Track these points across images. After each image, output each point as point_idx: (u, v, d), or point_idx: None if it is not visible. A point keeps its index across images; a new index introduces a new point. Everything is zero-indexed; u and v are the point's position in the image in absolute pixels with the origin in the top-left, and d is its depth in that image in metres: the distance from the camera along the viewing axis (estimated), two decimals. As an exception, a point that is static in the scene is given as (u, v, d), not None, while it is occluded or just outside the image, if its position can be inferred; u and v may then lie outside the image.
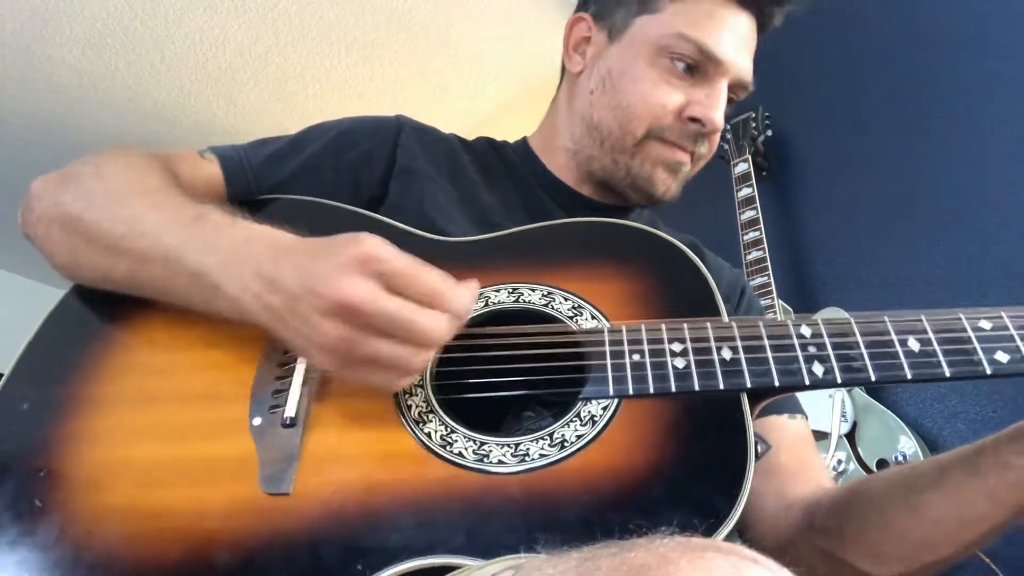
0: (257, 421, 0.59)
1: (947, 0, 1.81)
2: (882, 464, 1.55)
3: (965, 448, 0.61)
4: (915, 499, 0.62)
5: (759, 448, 0.56)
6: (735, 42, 0.82)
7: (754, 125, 2.01)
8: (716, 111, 0.81)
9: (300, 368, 0.61)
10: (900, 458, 1.53)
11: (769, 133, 1.99)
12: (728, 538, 0.50)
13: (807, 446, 0.82)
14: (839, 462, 1.58)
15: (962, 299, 1.61)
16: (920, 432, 1.59)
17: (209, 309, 0.62)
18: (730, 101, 0.86)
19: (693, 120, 0.81)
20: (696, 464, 0.55)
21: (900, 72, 1.86)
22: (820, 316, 0.64)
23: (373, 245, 0.54)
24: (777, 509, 0.75)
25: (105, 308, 0.69)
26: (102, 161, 0.72)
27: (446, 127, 0.97)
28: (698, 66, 0.82)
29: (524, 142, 0.97)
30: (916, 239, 1.72)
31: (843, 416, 1.61)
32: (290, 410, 0.58)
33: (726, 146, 2.04)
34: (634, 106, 0.83)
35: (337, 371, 0.56)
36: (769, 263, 1.76)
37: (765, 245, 1.79)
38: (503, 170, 0.93)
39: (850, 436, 1.61)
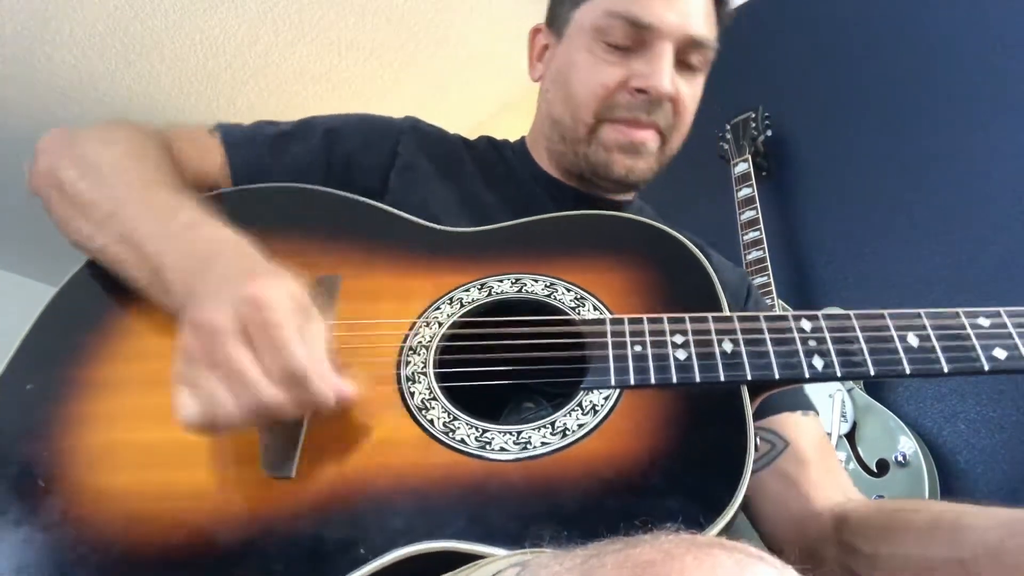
0: None
1: (948, 1, 1.81)
2: (882, 464, 1.55)
3: None
4: (965, 554, 0.58)
5: (776, 446, 0.56)
6: (669, 3, 0.80)
7: (754, 125, 2.01)
8: (659, 77, 0.79)
9: None
10: (900, 458, 1.53)
11: (769, 133, 1.99)
12: (733, 538, 0.50)
13: (827, 450, 0.81)
14: (839, 462, 1.58)
15: (962, 299, 1.60)
16: (920, 432, 1.59)
17: (165, 304, 0.63)
18: (692, 67, 0.84)
19: (640, 91, 0.81)
20: (696, 454, 0.55)
21: (900, 72, 1.86)
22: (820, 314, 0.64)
23: (267, 288, 0.53)
24: (800, 514, 0.74)
25: (110, 291, 0.69)
26: (107, 133, 0.74)
27: (446, 127, 0.98)
28: (635, 39, 0.81)
29: (522, 141, 0.98)
30: (916, 239, 1.73)
31: (843, 416, 1.61)
32: None
33: (726, 146, 2.04)
34: (578, 94, 0.83)
35: (181, 372, 0.54)
36: (769, 263, 1.77)
37: (765, 245, 1.79)
38: (503, 169, 0.93)
39: (850, 436, 1.61)
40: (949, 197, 1.69)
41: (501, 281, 0.69)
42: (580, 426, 0.57)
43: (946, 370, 0.58)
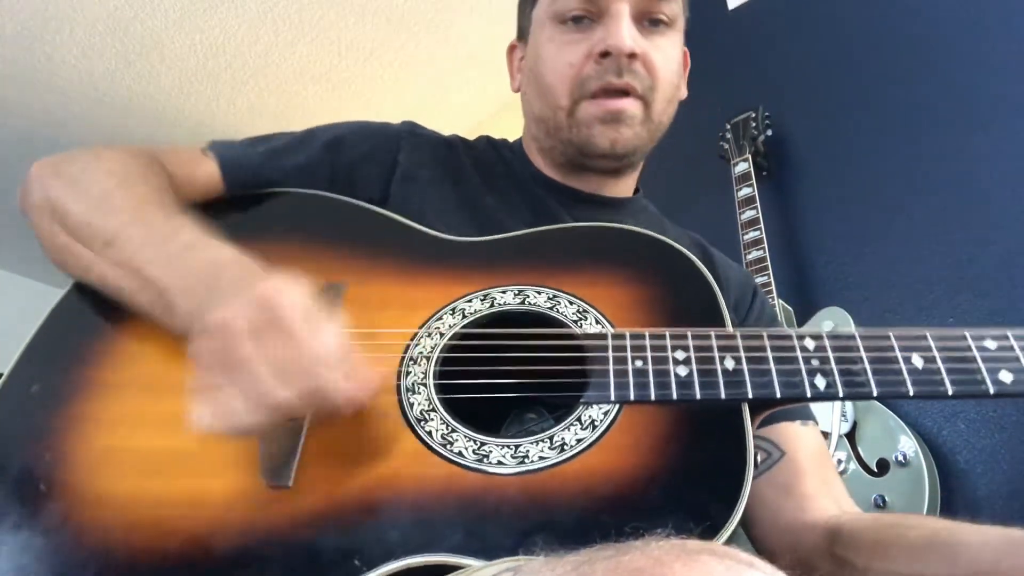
0: None
1: (948, 1, 1.81)
2: (882, 464, 1.55)
3: (1021, 537, 0.57)
4: (959, 572, 0.59)
5: (772, 456, 0.56)
6: None
7: (754, 125, 2.00)
8: (616, 36, 0.80)
9: None
10: (900, 458, 1.53)
11: (769, 133, 1.99)
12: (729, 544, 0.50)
13: (824, 460, 0.81)
14: (839, 462, 1.58)
15: (961, 299, 1.61)
16: (920, 432, 1.59)
17: (169, 326, 0.62)
18: (662, 23, 0.84)
19: (604, 55, 0.81)
20: (695, 472, 0.55)
21: (900, 72, 1.86)
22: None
23: (278, 290, 0.53)
24: (795, 525, 0.74)
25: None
26: (99, 158, 0.73)
27: (446, 127, 0.99)
28: (590, 10, 0.82)
29: (520, 142, 0.98)
30: (916, 239, 1.72)
31: (843, 416, 1.61)
32: None
33: (726, 146, 2.04)
34: (550, 82, 0.84)
35: (198, 384, 0.54)
36: (769, 263, 1.76)
37: (765, 245, 1.79)
38: (503, 169, 0.93)
39: (850, 436, 1.60)
40: (949, 197, 1.69)
41: (504, 292, 0.69)
42: (579, 441, 0.57)
43: (950, 392, 0.57)
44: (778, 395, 0.59)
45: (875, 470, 1.55)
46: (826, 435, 1.59)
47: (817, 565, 0.70)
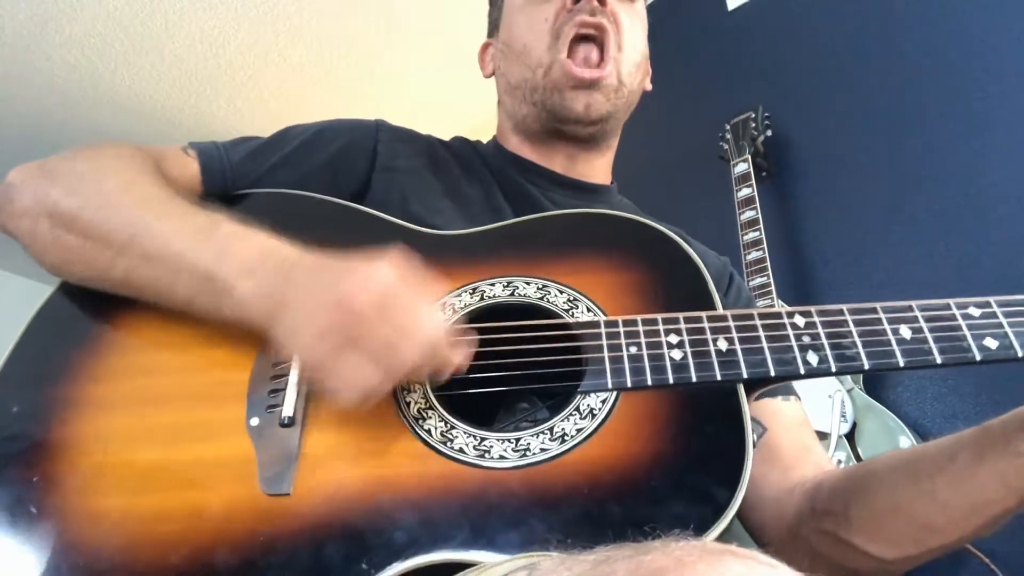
0: (255, 421, 0.58)
1: (948, 1, 1.82)
2: (882, 464, 1.55)
3: (971, 433, 0.61)
4: (924, 484, 0.62)
5: (756, 431, 0.56)
6: None
7: (754, 125, 2.00)
8: None
9: (296, 366, 0.61)
10: (900, 458, 1.53)
11: (769, 133, 1.99)
12: (729, 533, 0.50)
13: (804, 429, 0.82)
14: (839, 462, 1.58)
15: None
16: (920, 432, 1.59)
17: (212, 312, 0.61)
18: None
19: (576, 1, 0.86)
20: (695, 454, 0.56)
21: (900, 72, 1.86)
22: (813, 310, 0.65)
23: (388, 276, 0.56)
24: (779, 494, 0.75)
25: (94, 308, 0.67)
26: (95, 157, 0.71)
27: (446, 129, 1.00)
28: None
29: (494, 139, 1.00)
30: (916, 239, 1.73)
31: (843, 416, 1.61)
32: (288, 409, 0.58)
33: (726, 146, 2.04)
34: (528, 42, 0.88)
35: (320, 359, 0.55)
36: (769, 263, 1.76)
37: (765, 245, 1.79)
38: (480, 161, 0.94)
39: (850, 436, 1.61)
40: (949, 197, 1.70)
41: (493, 285, 0.69)
42: (579, 431, 0.57)
43: (939, 361, 0.59)
44: (772, 373, 0.60)
45: (875, 470, 1.55)
46: (825, 435, 1.59)
47: (802, 530, 0.71)
